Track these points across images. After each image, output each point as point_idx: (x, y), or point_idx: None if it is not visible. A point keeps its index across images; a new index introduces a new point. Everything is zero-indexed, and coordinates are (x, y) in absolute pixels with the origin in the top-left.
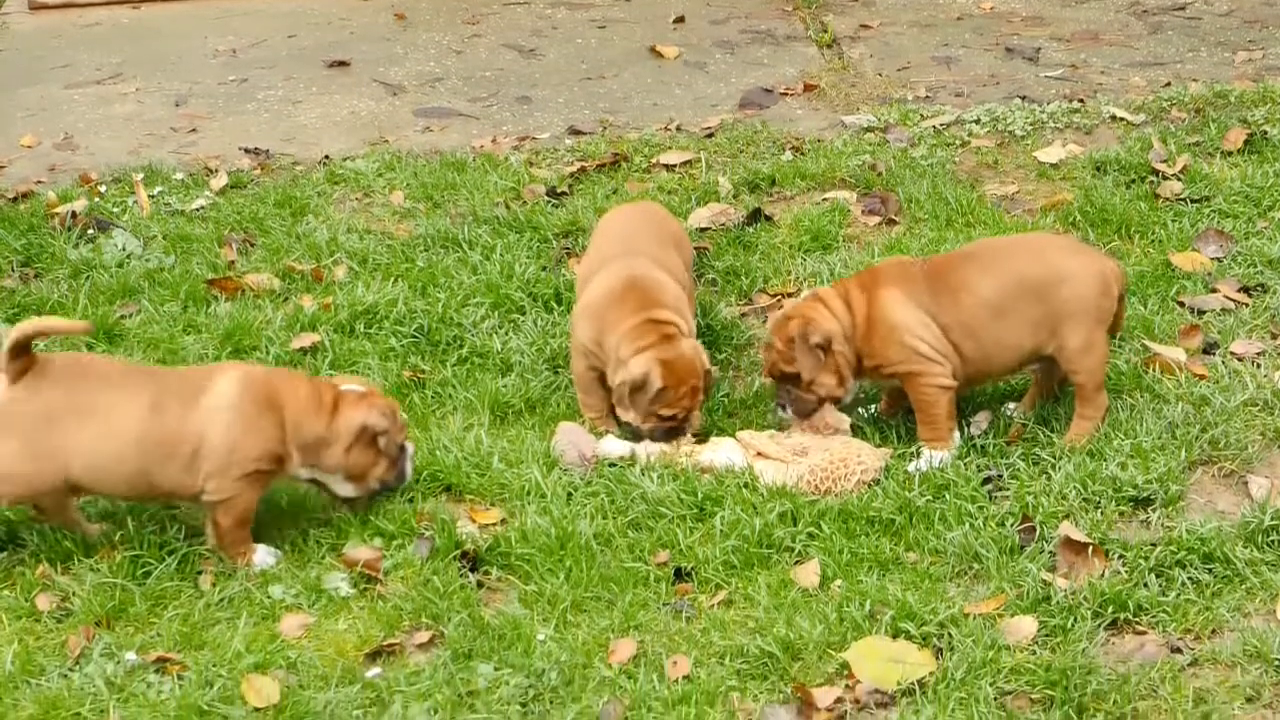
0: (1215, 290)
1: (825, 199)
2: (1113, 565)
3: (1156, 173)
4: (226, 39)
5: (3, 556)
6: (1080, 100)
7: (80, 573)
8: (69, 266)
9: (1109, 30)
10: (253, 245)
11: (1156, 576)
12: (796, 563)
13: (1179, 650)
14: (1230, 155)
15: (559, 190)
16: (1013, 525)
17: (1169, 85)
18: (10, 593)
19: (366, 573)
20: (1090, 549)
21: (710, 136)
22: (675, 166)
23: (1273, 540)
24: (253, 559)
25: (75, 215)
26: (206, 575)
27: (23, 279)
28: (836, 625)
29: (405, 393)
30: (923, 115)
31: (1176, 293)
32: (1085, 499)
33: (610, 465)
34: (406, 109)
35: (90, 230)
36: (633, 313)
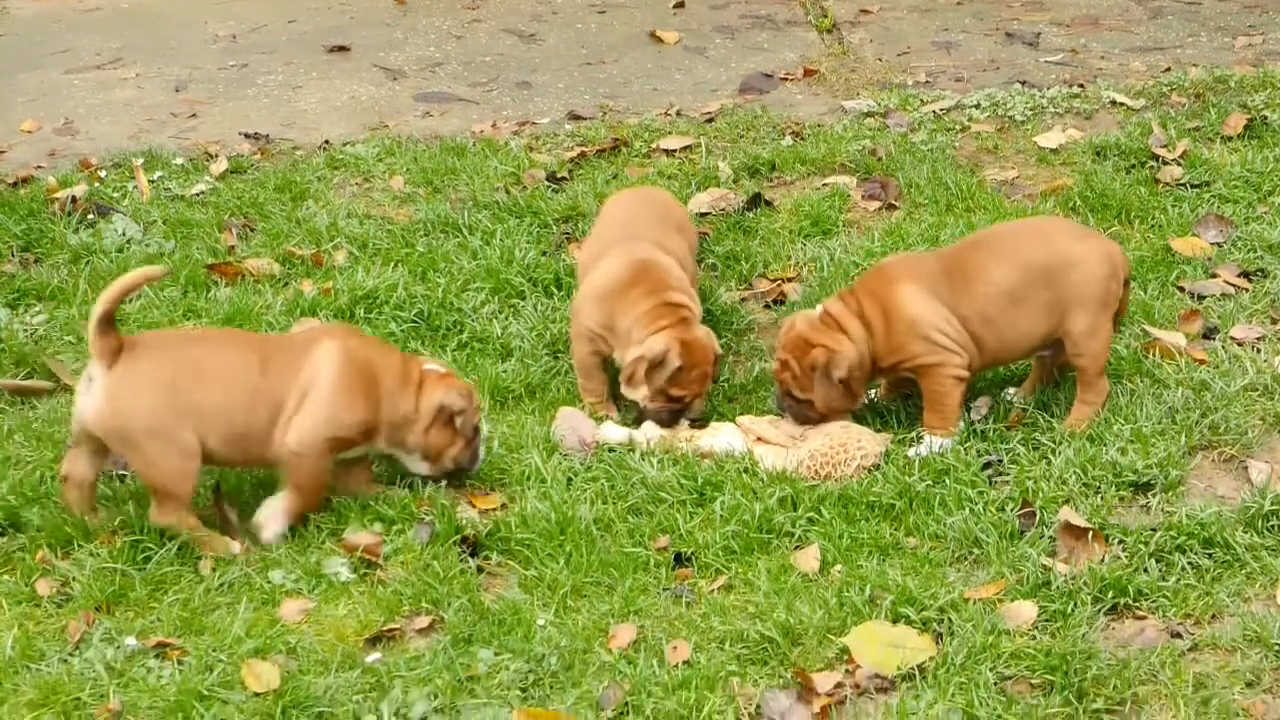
0: (1215, 275)
1: (825, 184)
2: (1113, 550)
3: (1156, 158)
4: (226, 24)
5: (3, 541)
6: (1080, 85)
7: (80, 558)
8: (69, 251)
9: (1109, 15)
10: (253, 230)
11: (1156, 561)
12: (796, 548)
13: (1179, 635)
14: (1230, 140)
15: (559, 175)
16: (1013, 510)
17: (1169, 70)
18: (10, 577)
19: (366, 558)
20: (1090, 534)
21: (710, 121)
22: (675, 151)
23: (1273, 525)
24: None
25: (75, 200)
26: (206, 560)
27: (23, 264)
28: (836, 610)
29: None
30: (923, 100)
31: (1176, 278)
32: (1085, 484)
33: (610, 450)
34: (406, 94)
35: (90, 215)
36: (646, 296)
